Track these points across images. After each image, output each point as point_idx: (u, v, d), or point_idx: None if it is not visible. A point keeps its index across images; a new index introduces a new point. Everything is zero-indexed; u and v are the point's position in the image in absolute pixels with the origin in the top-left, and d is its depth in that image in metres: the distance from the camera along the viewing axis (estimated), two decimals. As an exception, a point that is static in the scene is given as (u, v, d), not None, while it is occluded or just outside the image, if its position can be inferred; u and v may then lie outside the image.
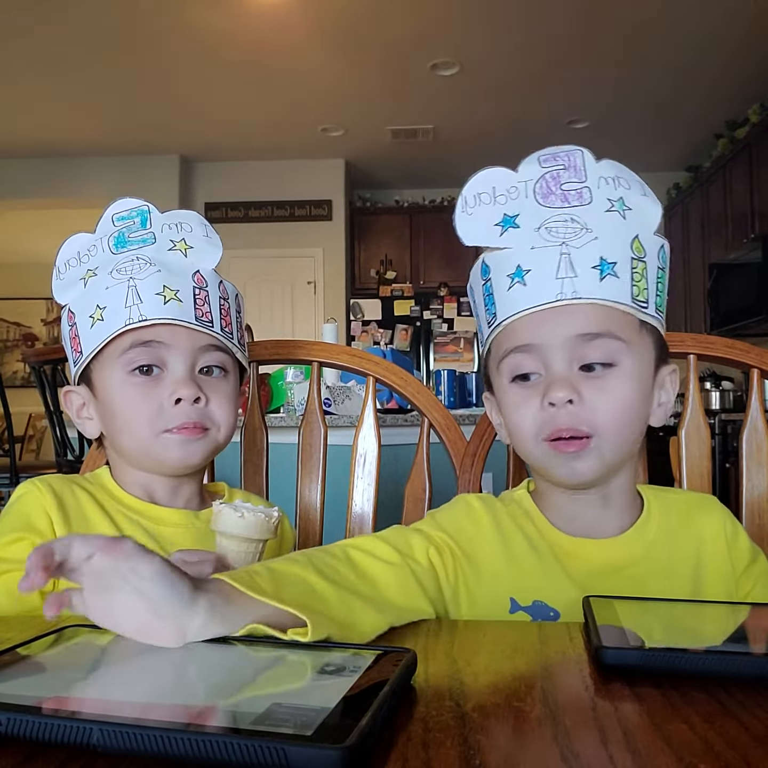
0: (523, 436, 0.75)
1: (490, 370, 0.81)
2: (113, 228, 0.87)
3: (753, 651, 0.53)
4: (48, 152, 6.09)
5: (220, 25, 4.19)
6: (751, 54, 4.47)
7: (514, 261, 0.73)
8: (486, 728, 0.41)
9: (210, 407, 0.85)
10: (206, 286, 0.86)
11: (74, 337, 0.87)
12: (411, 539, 0.74)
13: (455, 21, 4.16)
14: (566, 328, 0.72)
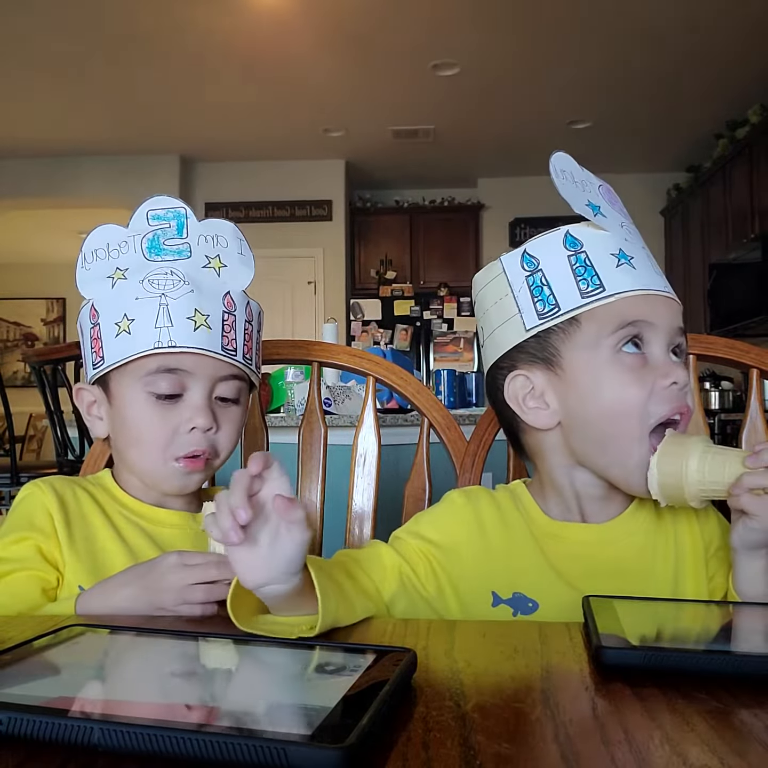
0: (630, 416, 0.73)
1: (567, 343, 0.76)
2: (148, 227, 0.86)
3: (753, 651, 0.53)
4: (48, 152, 6.09)
5: (221, 25, 4.19)
6: (751, 54, 4.48)
7: (615, 244, 0.76)
8: (486, 728, 0.41)
9: (218, 435, 0.86)
10: (234, 310, 0.87)
11: (96, 338, 0.86)
12: (385, 560, 0.78)
13: (456, 22, 4.16)
14: (674, 320, 0.77)
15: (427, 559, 0.79)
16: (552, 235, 0.78)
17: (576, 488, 0.80)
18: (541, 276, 0.77)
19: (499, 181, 6.79)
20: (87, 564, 0.82)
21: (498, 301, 0.81)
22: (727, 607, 0.69)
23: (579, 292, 0.75)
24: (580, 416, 0.77)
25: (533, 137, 5.83)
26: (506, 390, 0.81)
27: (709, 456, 0.68)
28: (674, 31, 4.22)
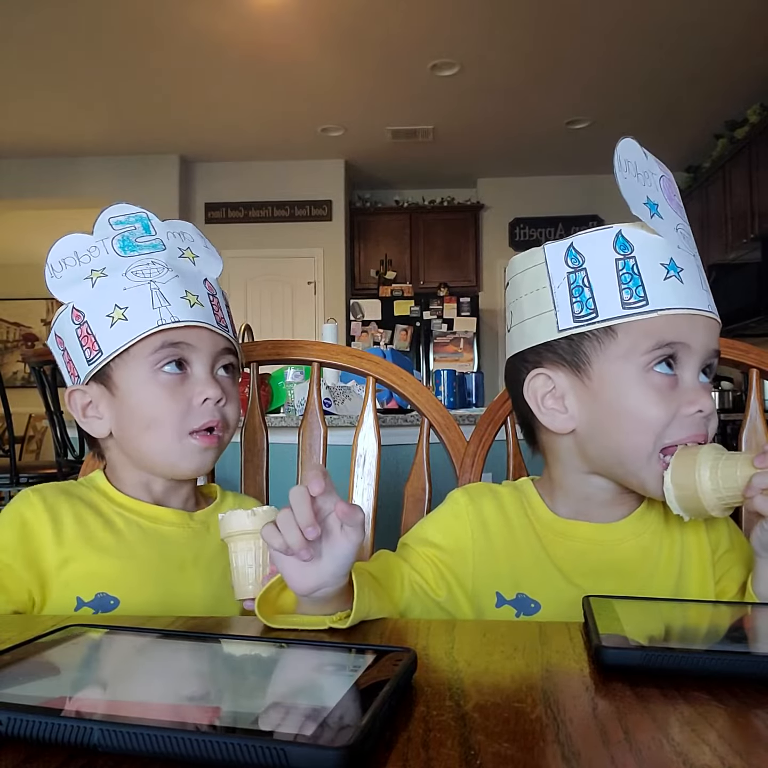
0: (647, 432, 0.72)
1: (600, 353, 0.74)
2: (113, 231, 0.88)
3: (754, 650, 0.53)
4: (48, 153, 6.09)
5: (221, 25, 4.19)
6: (750, 54, 4.48)
7: (667, 252, 0.72)
8: (486, 728, 0.41)
9: (226, 408, 0.88)
10: (216, 293, 0.92)
11: (86, 336, 0.86)
12: (394, 571, 0.79)
13: (455, 21, 4.16)
14: (711, 341, 0.74)
15: (435, 564, 0.80)
16: (603, 232, 0.73)
17: (587, 492, 0.80)
18: (584, 276, 0.73)
19: (499, 181, 6.80)
20: (84, 571, 0.81)
21: (534, 291, 0.77)
22: (728, 607, 0.69)
23: (621, 301, 0.72)
24: (599, 426, 0.76)
25: (532, 137, 5.84)
26: (527, 385, 0.79)
27: (720, 463, 0.67)
28: (673, 31, 4.22)
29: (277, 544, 0.61)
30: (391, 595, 0.77)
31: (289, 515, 0.61)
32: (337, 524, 0.63)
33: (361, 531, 0.64)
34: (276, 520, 0.62)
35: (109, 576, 0.81)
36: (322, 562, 0.62)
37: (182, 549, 0.86)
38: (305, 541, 0.60)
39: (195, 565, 0.86)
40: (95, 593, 0.80)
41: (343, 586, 0.65)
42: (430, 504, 1.11)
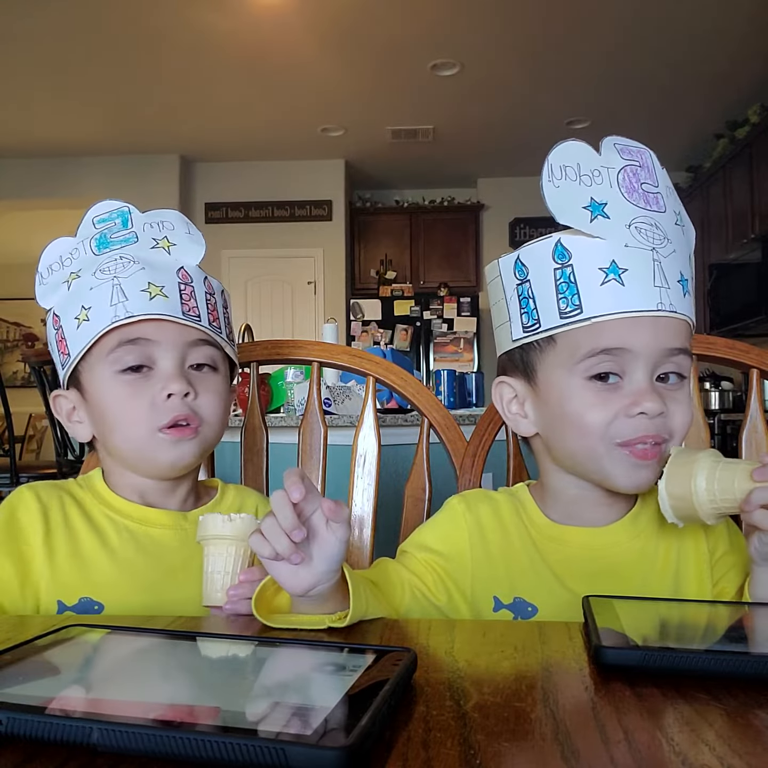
0: (591, 436, 0.73)
1: (542, 361, 0.76)
2: (94, 230, 0.87)
3: (753, 651, 0.53)
4: (48, 152, 6.09)
5: (221, 25, 4.19)
6: (751, 54, 4.47)
7: (608, 255, 0.70)
8: (486, 728, 0.41)
9: (199, 402, 0.84)
10: (191, 282, 0.86)
11: (61, 340, 0.85)
12: (393, 578, 0.79)
13: (455, 21, 4.16)
14: (661, 340, 0.71)
15: (434, 570, 0.81)
16: (544, 243, 0.73)
17: (572, 494, 0.80)
18: (528, 287, 0.75)
19: (499, 181, 6.79)
20: (69, 574, 0.81)
21: (496, 302, 0.81)
22: (727, 607, 0.69)
23: (558, 311, 0.72)
24: (552, 431, 0.78)
25: (532, 137, 5.83)
26: (494, 391, 0.83)
27: (717, 473, 0.66)
28: (674, 30, 4.22)
29: (266, 552, 0.61)
30: (392, 601, 0.77)
31: (274, 522, 0.60)
32: (322, 523, 0.63)
33: (348, 526, 0.64)
34: (261, 529, 0.61)
35: (93, 581, 0.80)
36: (313, 562, 0.62)
37: (173, 553, 0.84)
38: (293, 545, 0.60)
39: (186, 569, 0.83)
40: (78, 598, 0.79)
41: (336, 581, 0.65)
42: (430, 504, 1.11)
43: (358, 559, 1.10)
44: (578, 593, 0.72)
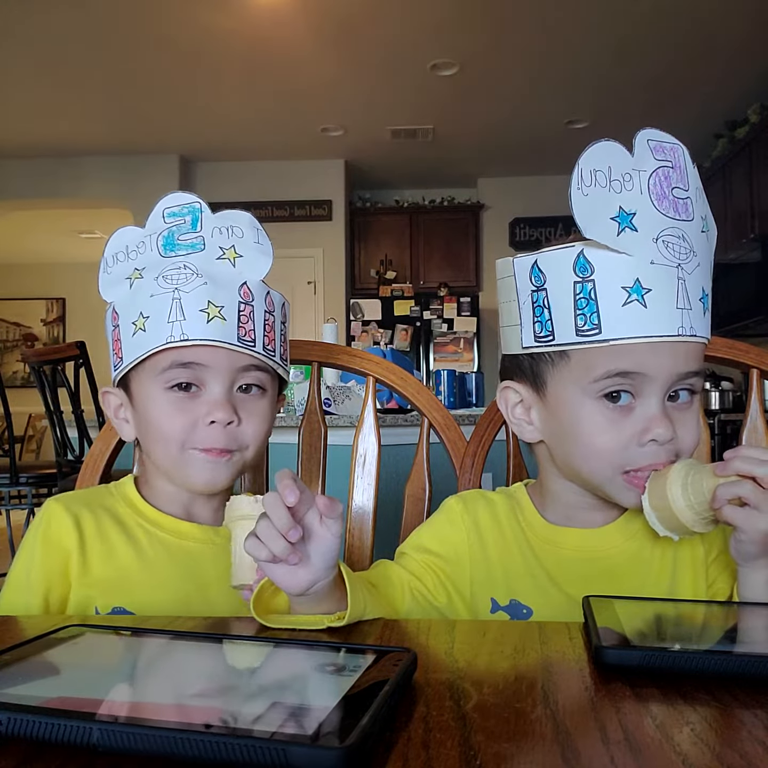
0: (600, 460, 0.72)
1: (554, 375, 0.74)
2: (164, 225, 0.84)
3: (754, 651, 0.53)
4: (48, 152, 6.09)
5: (221, 25, 4.19)
6: (750, 53, 4.47)
7: (632, 272, 0.66)
8: (486, 728, 0.41)
9: (242, 428, 0.84)
10: (252, 300, 0.84)
11: (116, 340, 0.86)
12: (393, 579, 0.79)
13: (455, 21, 4.16)
14: (678, 365, 0.69)
15: (434, 571, 0.81)
16: (565, 252, 0.69)
17: (571, 498, 0.80)
18: (545, 296, 0.71)
19: (499, 181, 6.80)
20: (104, 583, 0.81)
21: (507, 302, 0.77)
22: (727, 607, 0.69)
23: (575, 327, 0.69)
24: (559, 445, 0.77)
25: (532, 137, 5.83)
26: (498, 394, 0.82)
27: (689, 478, 0.66)
28: (673, 30, 4.21)
29: (263, 555, 0.61)
30: (392, 602, 0.77)
31: (268, 524, 0.60)
32: (316, 520, 0.63)
33: (341, 522, 0.63)
34: (256, 532, 0.61)
35: (127, 590, 0.81)
36: (310, 561, 0.62)
37: (206, 567, 0.84)
38: (290, 546, 0.60)
39: (218, 584, 0.82)
40: (112, 607, 0.80)
41: (333, 579, 0.65)
42: (430, 504, 1.11)
43: (358, 558, 1.10)
44: (573, 595, 0.73)
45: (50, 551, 0.82)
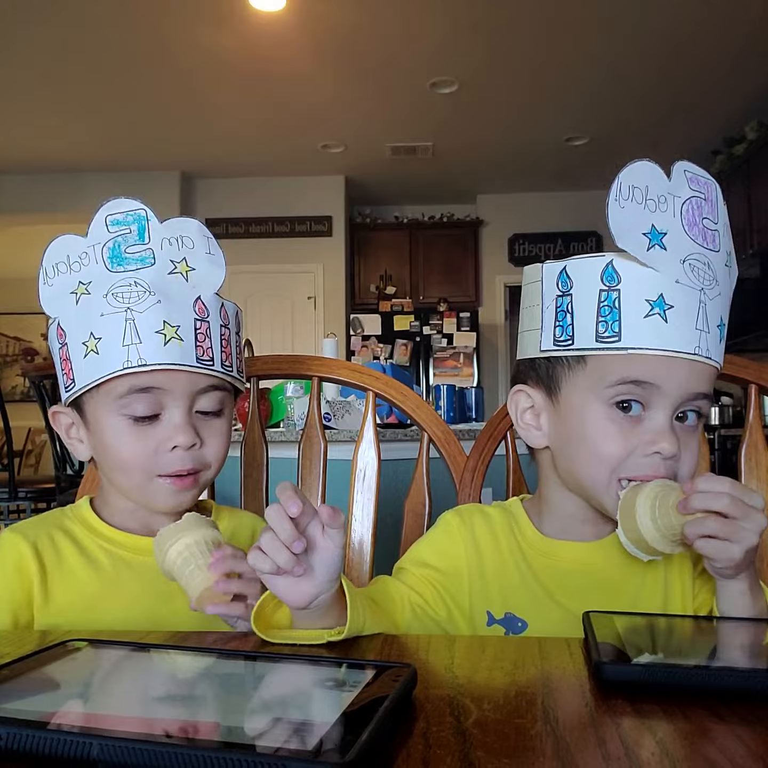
0: (602, 466, 0.73)
1: (569, 380, 0.75)
2: (107, 234, 0.81)
3: (754, 666, 0.53)
4: (48, 168, 6.13)
5: (221, 43, 4.23)
6: (748, 71, 4.51)
7: (657, 287, 0.69)
8: (486, 744, 0.41)
9: (203, 450, 0.83)
10: (207, 317, 0.82)
11: (65, 359, 0.82)
12: (393, 594, 0.79)
13: (454, 40, 4.20)
14: (691, 384, 0.71)
15: (433, 585, 0.81)
16: (594, 260, 0.72)
17: (570, 509, 0.80)
18: (569, 301, 0.73)
19: (498, 198, 6.84)
20: (68, 612, 0.80)
21: (531, 306, 0.78)
22: (727, 622, 0.69)
23: (596, 333, 0.71)
24: (563, 450, 0.78)
25: (531, 153, 5.87)
26: (510, 398, 0.83)
27: (657, 511, 0.66)
28: (671, 47, 4.26)
29: (267, 567, 0.61)
30: (392, 617, 0.77)
31: (272, 536, 0.60)
32: (318, 532, 0.63)
33: (343, 532, 0.63)
34: (260, 545, 0.61)
35: (92, 613, 0.80)
36: (314, 573, 0.62)
37: (168, 580, 0.82)
38: (294, 558, 0.60)
39: (183, 595, 0.80)
40: None
41: (335, 592, 0.65)
42: (430, 519, 1.11)
43: (358, 574, 1.09)
44: (569, 608, 0.73)
45: (12, 582, 0.80)
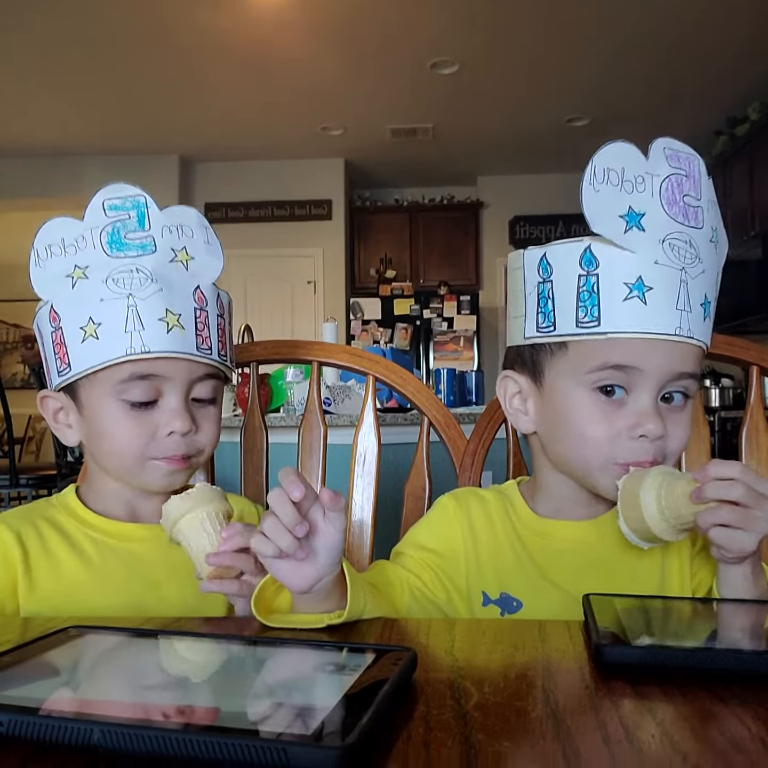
0: (589, 448, 0.73)
1: (552, 365, 0.76)
2: (105, 219, 0.80)
3: (754, 647, 0.53)
4: (47, 152, 6.09)
5: (220, 24, 4.19)
6: (751, 51, 4.47)
7: (635, 270, 0.69)
8: (487, 727, 0.41)
9: (198, 436, 0.83)
10: (206, 306, 0.83)
11: (59, 343, 0.81)
12: (392, 578, 0.80)
13: (455, 20, 4.16)
14: (673, 364, 0.71)
15: (431, 568, 0.81)
16: (573, 246, 0.72)
17: (564, 491, 0.81)
18: (550, 288, 0.73)
19: (499, 179, 6.80)
20: (53, 599, 0.79)
21: (514, 293, 0.79)
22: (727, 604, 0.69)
23: (576, 319, 0.71)
24: (551, 434, 0.79)
25: (532, 135, 5.83)
26: (498, 383, 0.84)
27: (663, 501, 0.65)
28: (673, 28, 4.21)
29: (270, 551, 0.61)
30: (392, 601, 0.77)
31: (275, 520, 0.60)
32: (320, 516, 0.63)
33: (344, 516, 0.64)
34: (262, 529, 0.61)
35: (77, 602, 0.79)
36: (317, 557, 0.63)
37: (155, 566, 0.83)
38: (297, 541, 0.60)
39: (169, 581, 0.82)
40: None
41: (337, 575, 0.65)
42: (430, 502, 1.11)
43: (358, 558, 1.10)
44: (564, 588, 0.74)
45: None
